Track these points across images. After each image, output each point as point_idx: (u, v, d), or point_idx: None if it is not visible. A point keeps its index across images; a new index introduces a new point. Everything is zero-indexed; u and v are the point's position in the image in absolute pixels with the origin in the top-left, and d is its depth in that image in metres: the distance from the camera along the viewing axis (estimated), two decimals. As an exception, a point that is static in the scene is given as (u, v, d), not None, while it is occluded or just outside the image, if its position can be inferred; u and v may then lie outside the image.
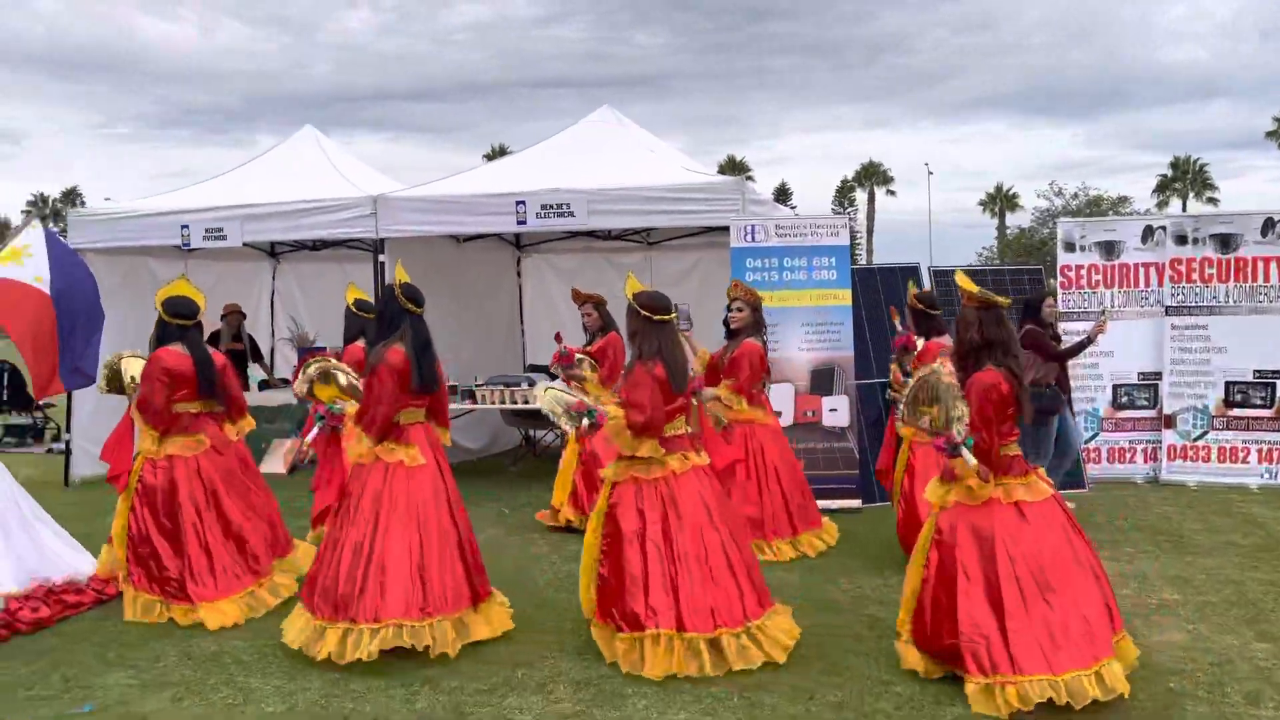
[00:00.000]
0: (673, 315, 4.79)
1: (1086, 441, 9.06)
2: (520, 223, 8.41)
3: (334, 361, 5.71)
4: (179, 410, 5.52)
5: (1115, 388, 9.17)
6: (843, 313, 8.09)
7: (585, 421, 4.76)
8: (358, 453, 4.87)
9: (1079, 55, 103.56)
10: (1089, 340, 7.66)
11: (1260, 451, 8.71)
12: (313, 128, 10.72)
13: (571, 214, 8.22)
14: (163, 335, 5.54)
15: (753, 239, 8.05)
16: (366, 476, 4.84)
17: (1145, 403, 9.13)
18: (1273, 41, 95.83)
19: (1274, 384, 8.65)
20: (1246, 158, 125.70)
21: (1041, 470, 4.49)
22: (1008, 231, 63.83)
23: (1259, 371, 8.70)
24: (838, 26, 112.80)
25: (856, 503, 8.00)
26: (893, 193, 70.46)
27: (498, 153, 53.89)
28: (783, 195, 68.93)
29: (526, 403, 8.95)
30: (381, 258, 8.71)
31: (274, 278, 11.67)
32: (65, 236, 8.86)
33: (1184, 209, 57.33)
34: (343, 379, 5.49)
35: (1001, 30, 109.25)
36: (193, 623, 5.23)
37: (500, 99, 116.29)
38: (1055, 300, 7.86)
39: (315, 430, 5.44)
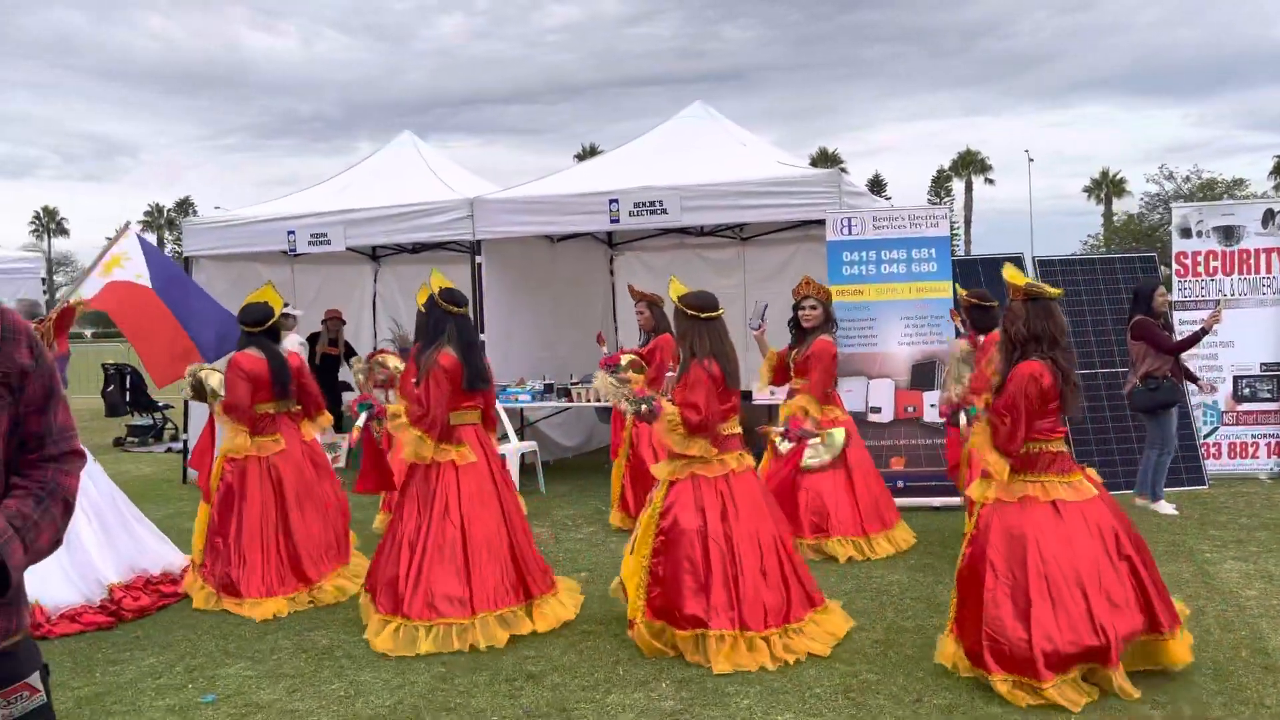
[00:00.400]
0: (720, 312, 4.80)
1: (1206, 436, 8.67)
2: (613, 221, 8.44)
3: (388, 354, 5.91)
4: (256, 412, 5.77)
5: (1236, 379, 8.74)
6: (943, 305, 7.89)
7: (644, 406, 4.76)
8: (417, 454, 5.06)
9: (1188, 33, 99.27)
10: (1204, 331, 7.31)
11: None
12: (410, 133, 10.95)
13: (664, 211, 8.22)
14: (241, 341, 5.86)
15: (849, 231, 7.91)
16: (420, 475, 5.09)
17: (1269, 395, 8.68)
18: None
19: None
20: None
21: (1092, 471, 4.36)
22: (1114, 218, 61.44)
23: (1396, 360, 8.18)
24: (931, 12, 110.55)
25: (959, 499, 7.79)
26: (991, 181, 68.67)
27: (589, 152, 54.30)
28: (877, 186, 67.79)
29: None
30: (479, 259, 8.85)
31: (375, 281, 11.97)
32: (180, 244, 9.25)
33: (1306, 190, 54.26)
34: (391, 362, 5.69)
35: (1104, 9, 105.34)
36: (245, 614, 5.48)
37: (591, 99, 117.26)
38: (1167, 290, 7.51)
39: (362, 418, 5.70)
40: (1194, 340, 7.37)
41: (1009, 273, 4.40)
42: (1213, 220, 8.89)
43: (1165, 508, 7.28)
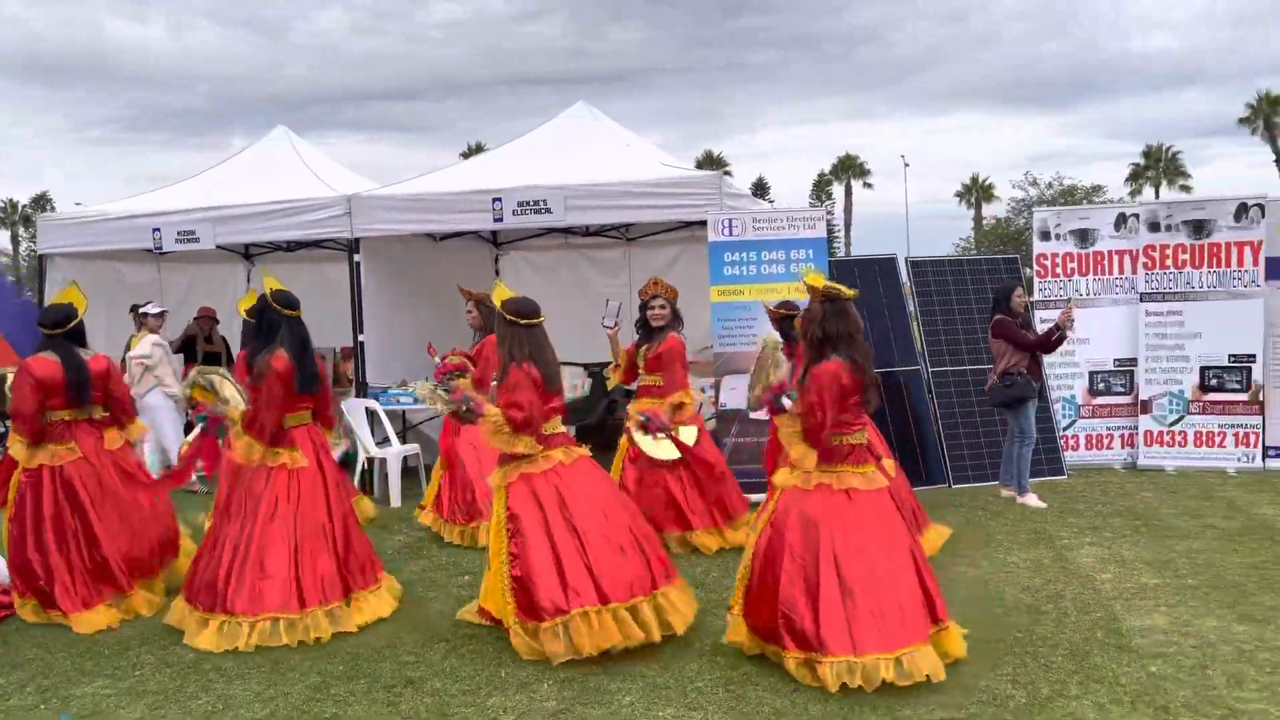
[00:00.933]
0: (541, 319, 4.88)
1: (1065, 428, 9.12)
2: (497, 220, 8.36)
3: (220, 371, 5.77)
4: (51, 419, 5.45)
5: (1092, 374, 9.22)
6: (821, 305, 8.09)
7: (463, 407, 4.78)
8: (246, 458, 5.12)
9: (1054, 46, 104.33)
10: (1057, 328, 7.69)
11: (1237, 436, 8.79)
12: (285, 128, 10.61)
13: (549, 210, 8.18)
14: (42, 343, 5.54)
15: (730, 233, 8.03)
16: (249, 477, 5.14)
17: (1122, 389, 9.20)
18: (1245, 29, 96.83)
19: (1249, 368, 8.73)
20: (1220, 145, 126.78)
21: (886, 463, 4.63)
22: (984, 222, 64.16)
23: (1234, 355, 8.78)
24: (815, 19, 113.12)
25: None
26: (869, 185, 70.61)
27: (475, 150, 53.64)
28: (761, 189, 68.89)
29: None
30: (357, 257, 8.65)
31: (248, 280, 11.55)
32: (35, 242, 8.75)
33: (1156, 196, 57.84)
34: (227, 389, 5.55)
35: (977, 22, 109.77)
36: (77, 629, 5.26)
37: (478, 97, 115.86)
38: (1024, 290, 7.89)
39: (195, 430, 5.62)
40: (1049, 337, 7.74)
41: (808, 275, 4.56)
42: (1070, 224, 9.36)
43: (1032, 501, 7.63)
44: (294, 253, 10.88)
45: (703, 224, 8.19)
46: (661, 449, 6.47)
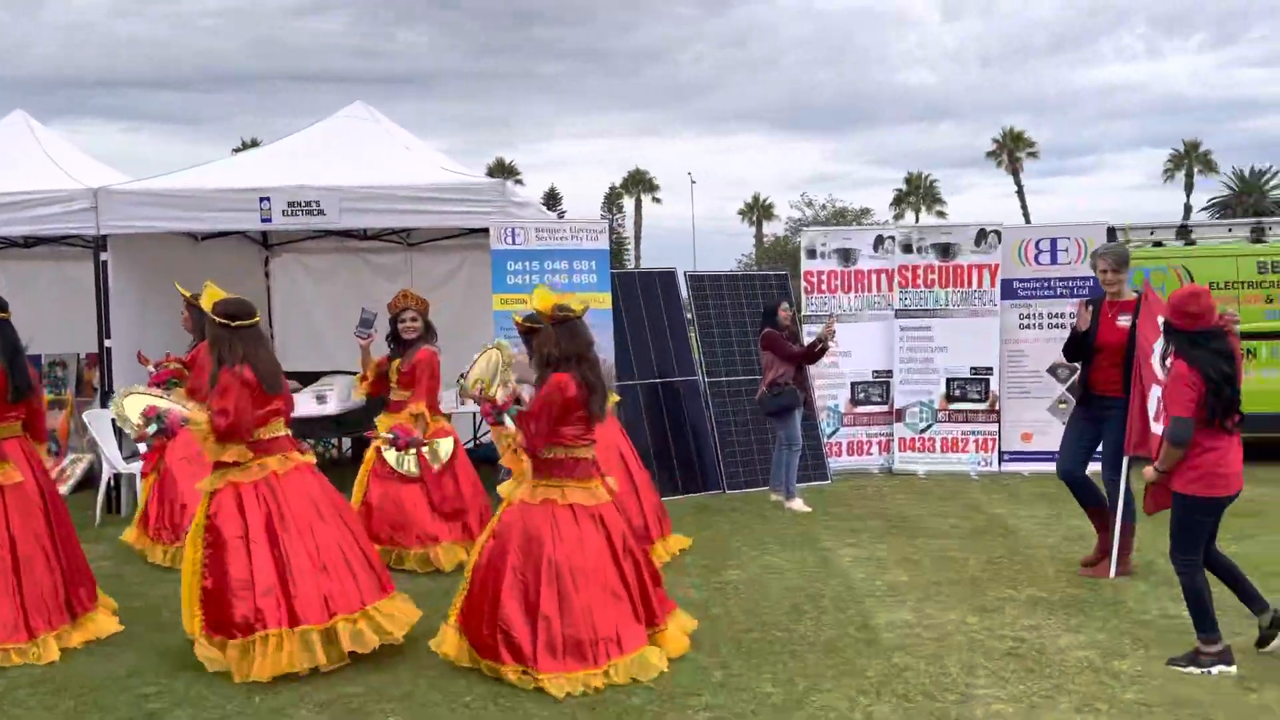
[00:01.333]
0: (255, 320, 4.79)
1: (829, 436, 9.65)
2: (265, 220, 7.93)
3: None
4: None
5: (853, 385, 9.82)
6: (603, 316, 8.19)
7: (152, 428, 4.62)
8: None
9: (827, 75, 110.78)
10: (819, 341, 8.15)
11: (977, 441, 9.60)
12: (23, 113, 9.64)
13: (322, 212, 7.84)
14: None
15: (513, 241, 7.99)
16: None
17: (879, 399, 9.84)
18: (991, 69, 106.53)
19: (987, 380, 9.56)
20: (970, 175, 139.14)
21: (611, 481, 4.74)
22: (764, 240, 67.31)
23: (974, 368, 9.59)
24: (605, 35, 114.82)
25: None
26: (659, 200, 72.51)
27: (250, 146, 50.87)
28: (553, 199, 69.30)
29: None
30: (104, 256, 7.97)
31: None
32: None
33: (917, 221, 62.66)
34: None
35: (757, 47, 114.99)
36: None
37: (256, 91, 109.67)
38: (790, 305, 8.31)
39: None
40: (811, 349, 8.18)
41: (538, 296, 4.65)
42: (834, 244, 9.95)
43: (799, 505, 8.02)
44: (32, 249, 9.89)
45: (487, 231, 8.11)
46: (408, 463, 6.37)
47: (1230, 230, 10.40)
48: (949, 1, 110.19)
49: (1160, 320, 4.90)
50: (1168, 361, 4.65)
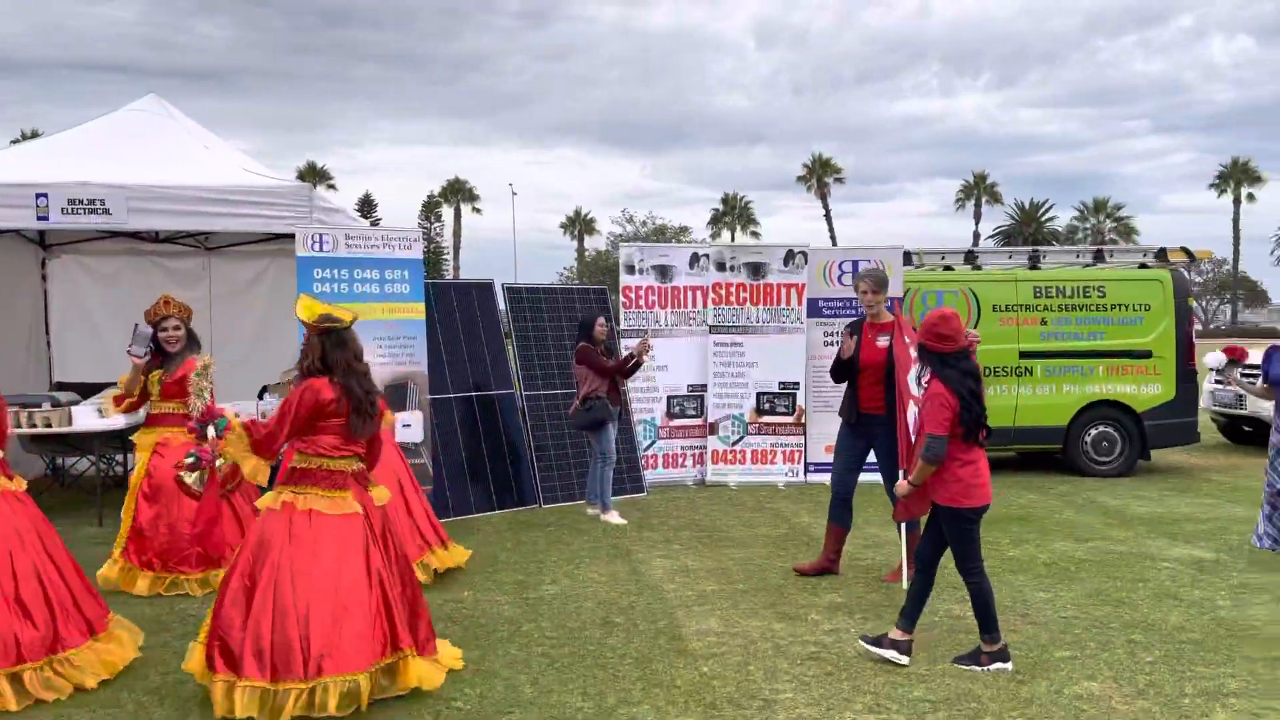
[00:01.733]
0: None
1: (645, 449, 9.78)
2: (42, 218, 7.27)
3: None
4: None
5: (669, 398, 10.00)
6: (416, 326, 8.00)
7: None
8: None
9: (647, 94, 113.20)
10: (633, 356, 8.26)
11: (784, 454, 9.96)
12: None
13: (107, 211, 7.27)
14: None
15: (321, 248, 7.68)
16: None
17: (694, 412, 10.06)
18: (803, 97, 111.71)
19: (794, 394, 9.95)
20: (782, 198, 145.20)
21: (381, 491, 4.58)
22: (586, 254, 67.79)
23: (783, 383, 9.96)
24: (423, 41, 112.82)
25: (430, 519, 7.92)
26: (479, 210, 71.80)
27: (30, 139, 46.83)
28: (368, 206, 67.35)
29: (49, 425, 7.76)
30: None
31: None
32: None
33: (733, 239, 64.77)
34: None
35: (578, 62, 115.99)
36: None
37: (38, 79, 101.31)
38: (606, 320, 8.37)
39: None
40: (625, 364, 8.26)
41: (301, 305, 4.46)
42: (652, 260, 10.12)
43: (614, 518, 8.06)
44: None
45: (293, 237, 7.75)
46: (196, 483, 5.95)
47: (1010, 257, 11.26)
48: (763, 31, 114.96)
49: (912, 342, 5.21)
50: (924, 381, 4.91)
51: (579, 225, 71.03)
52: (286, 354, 8.46)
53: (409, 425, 7.92)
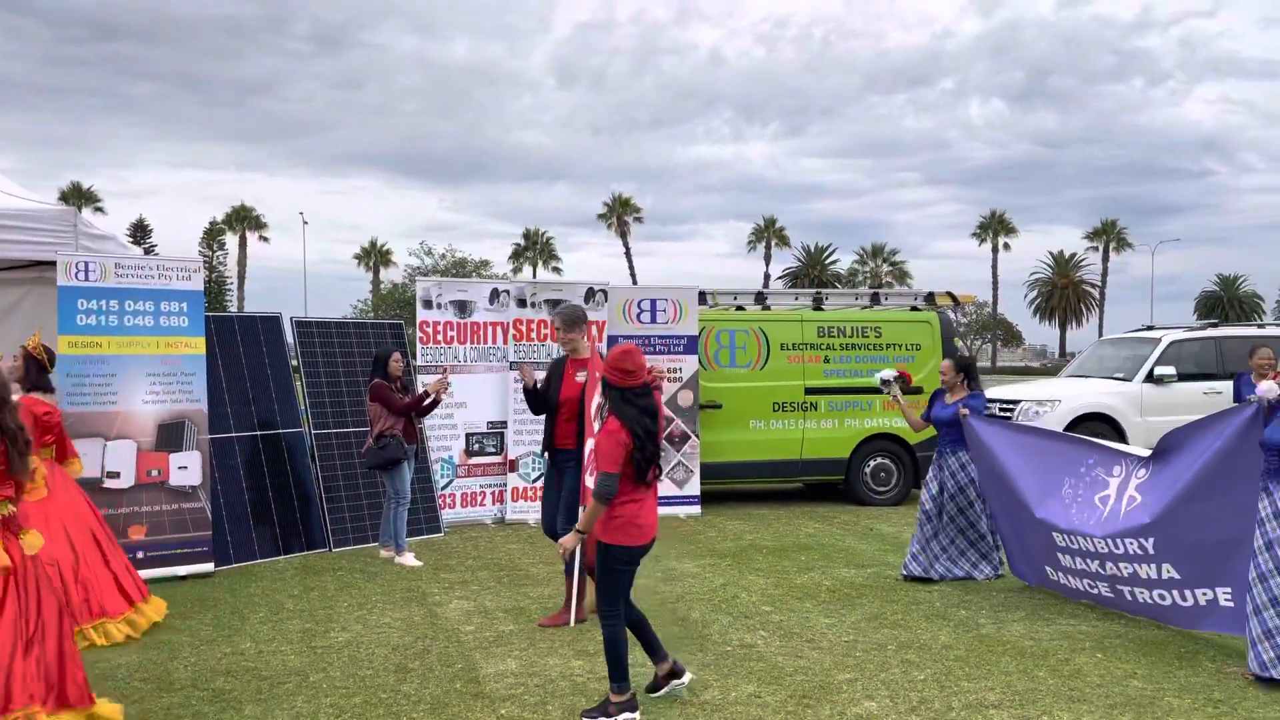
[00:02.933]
0: None
1: (443, 488, 9.58)
2: None
3: None
4: None
5: (468, 436, 9.85)
6: (195, 362, 7.54)
7: None
8: None
9: (446, 126, 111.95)
10: (428, 394, 8.08)
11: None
12: None
13: None
14: None
15: (86, 277, 7.11)
16: None
17: (494, 449, 9.95)
18: (602, 138, 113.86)
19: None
20: (582, 234, 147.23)
21: (31, 537, 4.27)
22: (382, 286, 66.00)
23: (583, 419, 10.02)
24: (203, 60, 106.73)
25: (209, 566, 7.43)
26: (266, 239, 68.56)
27: None
28: (142, 231, 62.99)
29: None
30: None
31: None
32: None
33: (534, 275, 64.90)
34: None
35: (373, 92, 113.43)
36: None
37: None
38: (401, 355, 8.18)
39: None
40: (419, 401, 8.06)
41: None
42: (450, 295, 9.98)
43: (409, 560, 7.83)
44: None
45: (53, 264, 7.14)
46: None
47: (797, 299, 11.87)
48: (563, 70, 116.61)
49: (599, 376, 5.13)
50: (603, 415, 4.83)
51: (374, 257, 69.06)
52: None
53: (185, 467, 7.44)
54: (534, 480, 9.89)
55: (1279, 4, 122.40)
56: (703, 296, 10.88)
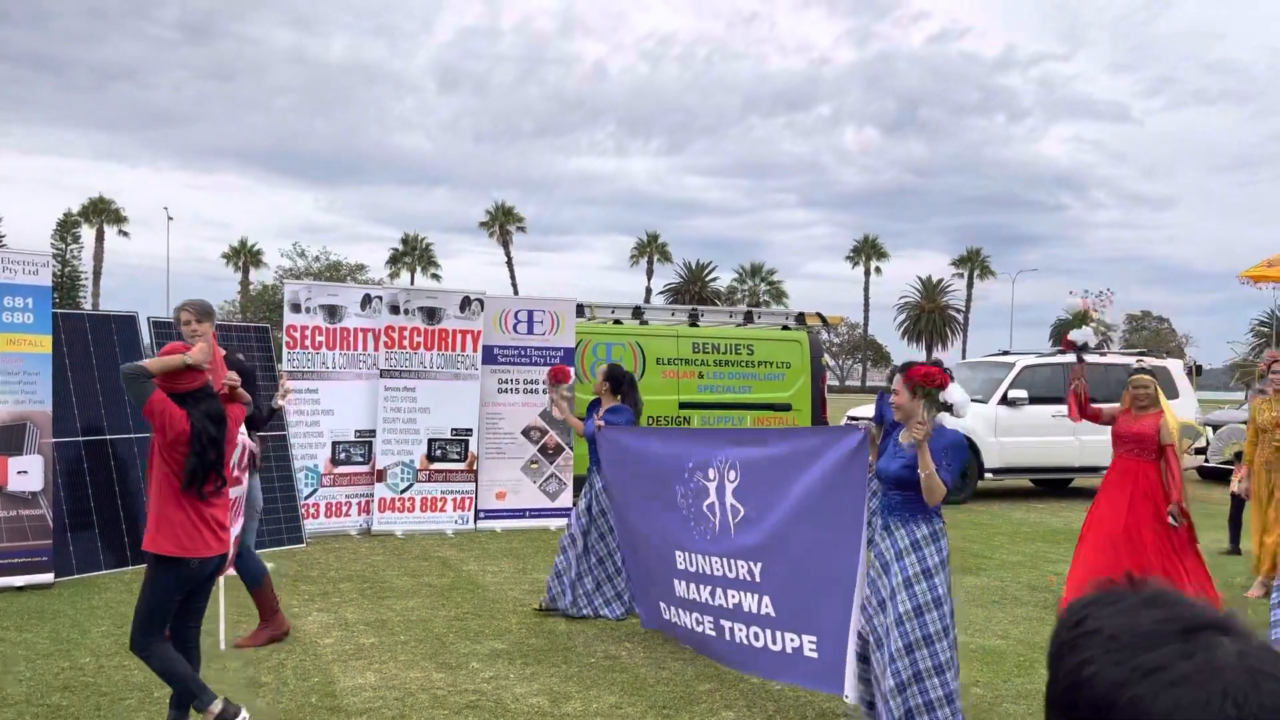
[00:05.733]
0: None
1: (307, 497, 9.31)
2: None
3: None
4: None
5: (335, 444, 9.60)
6: (40, 361, 7.14)
7: None
8: None
9: (322, 125, 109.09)
10: (272, 404, 7.82)
11: (455, 500, 9.89)
12: None
13: None
14: None
15: (-80, 267, 6.66)
16: None
17: (361, 458, 9.74)
18: (485, 144, 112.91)
19: (467, 441, 9.94)
20: (463, 241, 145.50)
21: None
22: (251, 287, 63.68)
23: (455, 429, 9.91)
24: (61, 43, 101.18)
25: (48, 577, 7.03)
26: (126, 234, 65.21)
27: None
28: (-10, 222, 59.05)
29: None
30: None
31: None
32: None
33: (413, 281, 63.72)
34: None
35: (244, 84, 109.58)
36: None
37: None
38: (279, 361, 7.94)
39: None
40: (269, 412, 7.68)
41: None
42: (320, 299, 9.73)
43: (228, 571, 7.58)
44: None
45: (-119, 252, 6.66)
46: None
47: (674, 314, 12.05)
48: (445, 75, 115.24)
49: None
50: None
51: (244, 256, 66.56)
52: None
53: (25, 472, 7.03)
54: (402, 491, 9.72)
55: (1128, 50, 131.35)
56: (581, 309, 10.92)
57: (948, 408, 4.11)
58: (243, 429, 5.26)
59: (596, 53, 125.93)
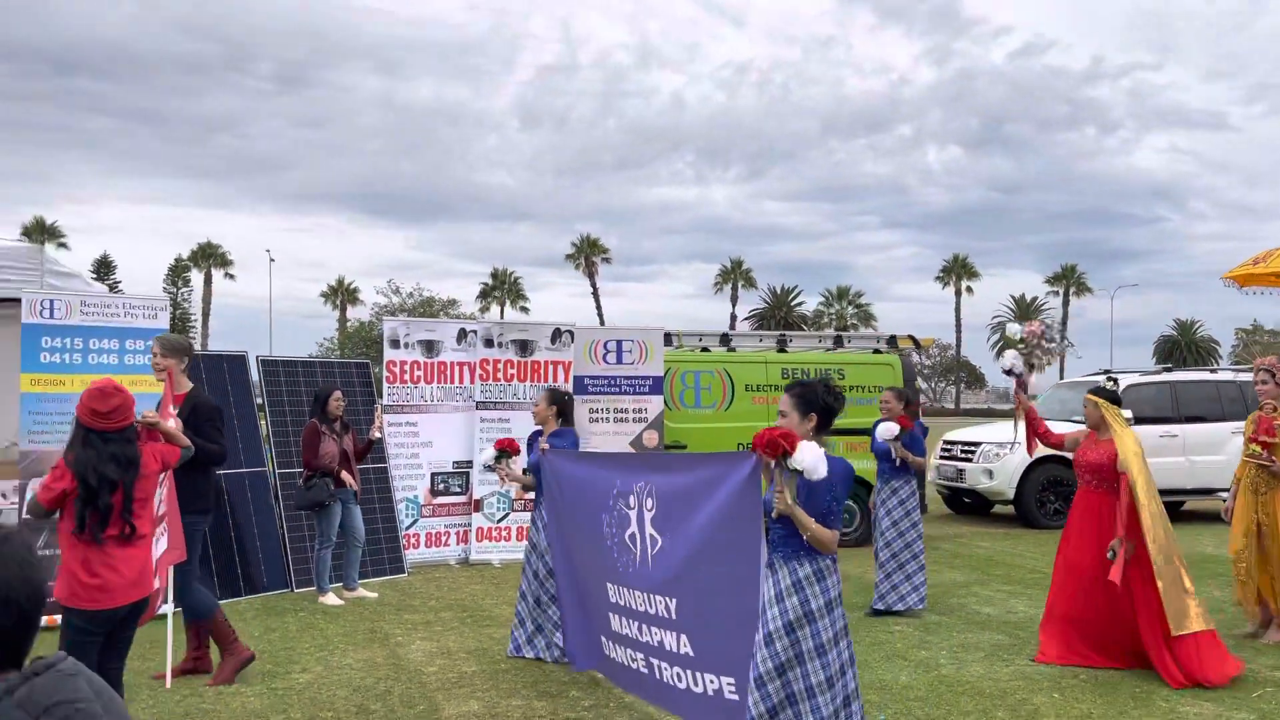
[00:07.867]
0: None
1: (407, 528, 9.54)
2: None
3: None
4: None
5: (433, 475, 9.84)
6: (154, 401, 7.49)
7: None
8: None
9: (409, 166, 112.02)
10: (369, 437, 8.25)
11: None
12: None
13: None
14: None
15: (51, 315, 7.09)
16: None
17: (459, 489, 9.95)
18: (566, 179, 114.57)
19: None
20: (550, 275, 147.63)
21: None
22: (348, 324, 65.67)
23: (548, 459, 10.05)
24: (163, 97, 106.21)
25: (168, 607, 7.33)
26: (231, 276, 68.09)
27: None
28: (106, 268, 62.33)
29: None
30: None
31: None
32: None
33: (502, 315, 64.92)
34: None
35: (336, 130, 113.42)
36: None
37: None
38: (343, 394, 8.16)
39: None
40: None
41: None
42: (418, 334, 10.02)
43: (331, 600, 7.84)
44: None
45: (18, 301, 7.12)
46: None
47: (761, 340, 12.02)
48: (526, 112, 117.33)
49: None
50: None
51: (341, 295, 68.75)
52: (6, 425, 7.70)
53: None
54: (499, 520, 9.89)
55: (1221, 57, 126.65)
56: (668, 338, 10.99)
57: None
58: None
59: (673, 84, 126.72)
